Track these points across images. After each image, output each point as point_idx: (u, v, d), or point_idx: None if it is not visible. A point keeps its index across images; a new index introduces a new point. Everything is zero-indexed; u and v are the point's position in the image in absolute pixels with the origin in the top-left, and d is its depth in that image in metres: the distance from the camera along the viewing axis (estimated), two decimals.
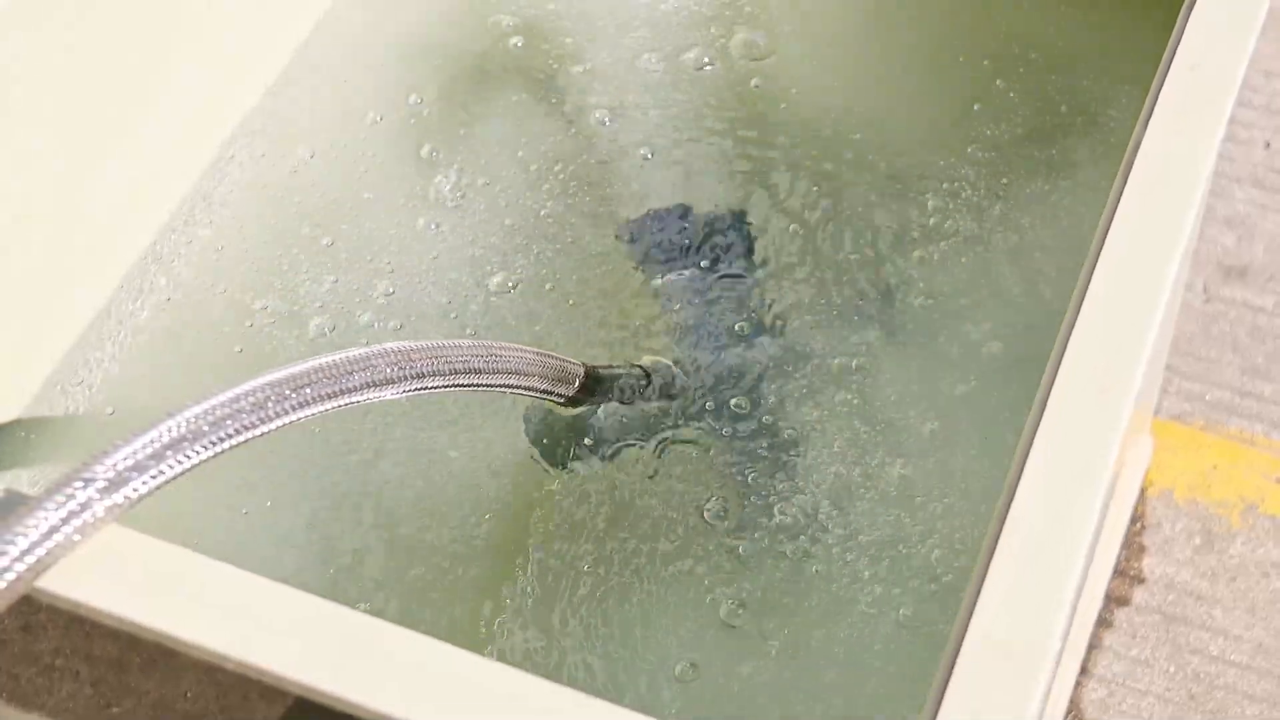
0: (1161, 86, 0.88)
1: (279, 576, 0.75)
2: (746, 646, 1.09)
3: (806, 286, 1.24)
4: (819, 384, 1.19)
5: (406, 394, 0.91)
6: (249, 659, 0.72)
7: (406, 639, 0.73)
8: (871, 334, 1.21)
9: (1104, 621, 1.53)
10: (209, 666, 0.73)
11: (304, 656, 0.72)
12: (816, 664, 1.08)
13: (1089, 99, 1.32)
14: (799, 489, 1.15)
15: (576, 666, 1.09)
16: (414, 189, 1.31)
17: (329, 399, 0.86)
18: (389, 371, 0.89)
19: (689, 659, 1.09)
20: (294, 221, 1.29)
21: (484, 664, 0.72)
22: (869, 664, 1.08)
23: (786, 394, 1.19)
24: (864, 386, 1.19)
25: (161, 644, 0.73)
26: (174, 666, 0.99)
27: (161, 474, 0.77)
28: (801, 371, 1.20)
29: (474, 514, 1.15)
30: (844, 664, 1.08)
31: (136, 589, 0.74)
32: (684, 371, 1.20)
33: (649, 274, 1.26)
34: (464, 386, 0.96)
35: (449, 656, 0.73)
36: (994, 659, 0.71)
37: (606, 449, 1.17)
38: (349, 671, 0.71)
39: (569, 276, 1.26)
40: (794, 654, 1.09)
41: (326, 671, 0.71)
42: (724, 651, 1.09)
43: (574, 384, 1.09)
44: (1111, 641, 1.52)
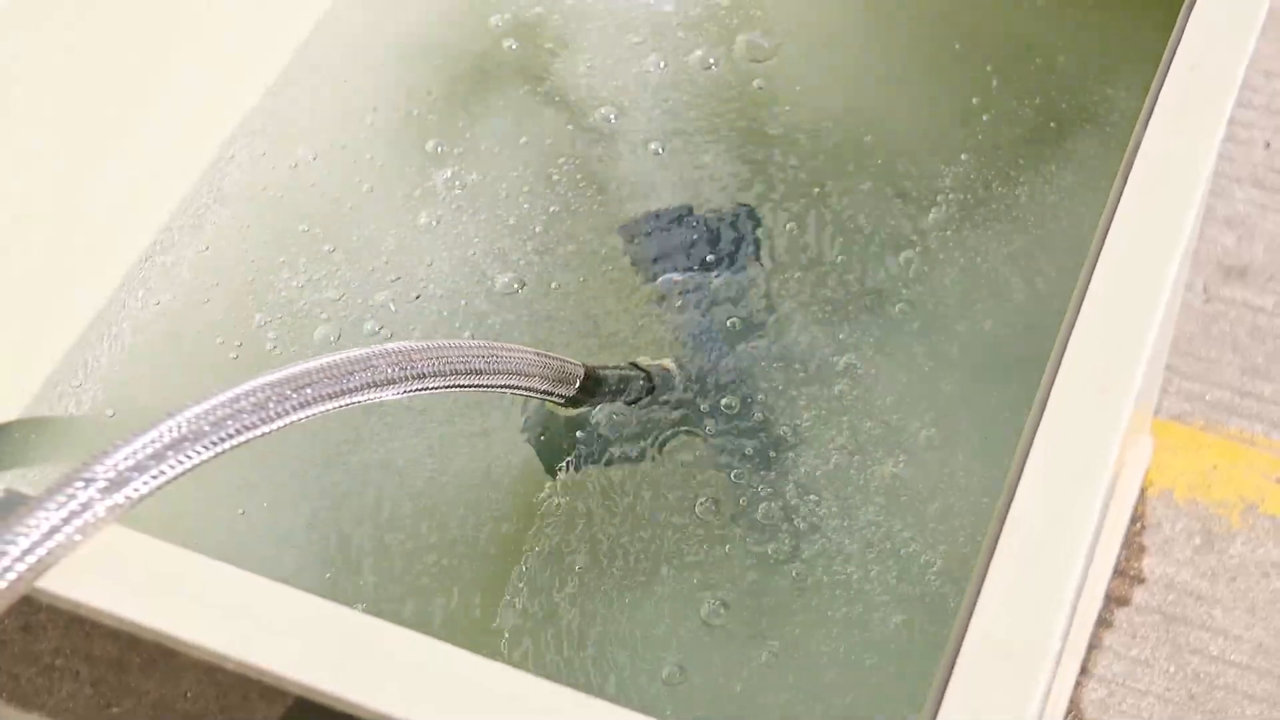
0: (1161, 86, 0.88)
1: (279, 576, 0.75)
2: (746, 646, 1.09)
3: (806, 286, 1.24)
4: (818, 384, 1.19)
5: (407, 394, 0.91)
6: (249, 659, 0.72)
7: (406, 639, 0.73)
8: (870, 334, 1.21)
9: (1104, 621, 1.53)
10: (209, 666, 0.73)
11: (304, 656, 0.72)
12: (816, 664, 1.08)
13: (1089, 99, 1.32)
14: (799, 488, 1.15)
15: (576, 667, 1.09)
16: (415, 189, 1.31)
17: (330, 399, 0.86)
18: (390, 372, 0.89)
19: (679, 660, 1.09)
20: (294, 221, 1.29)
21: (484, 664, 0.72)
22: (869, 664, 1.08)
23: (786, 394, 1.19)
24: (862, 387, 1.19)
25: (161, 644, 0.73)
26: (174, 666, 0.99)
27: (162, 474, 0.77)
28: (800, 371, 1.20)
29: (473, 514, 1.15)
30: (843, 664, 1.08)
31: (137, 589, 0.74)
32: (684, 372, 1.20)
33: (650, 274, 1.26)
34: (465, 387, 0.96)
35: (449, 656, 0.73)
36: (994, 659, 0.71)
37: (605, 449, 1.17)
38: (349, 671, 0.71)
39: (572, 276, 1.26)
40: (793, 654, 1.09)
41: (326, 671, 0.71)
42: (722, 651, 1.09)
43: (574, 385, 1.09)
44: (1111, 641, 1.52)
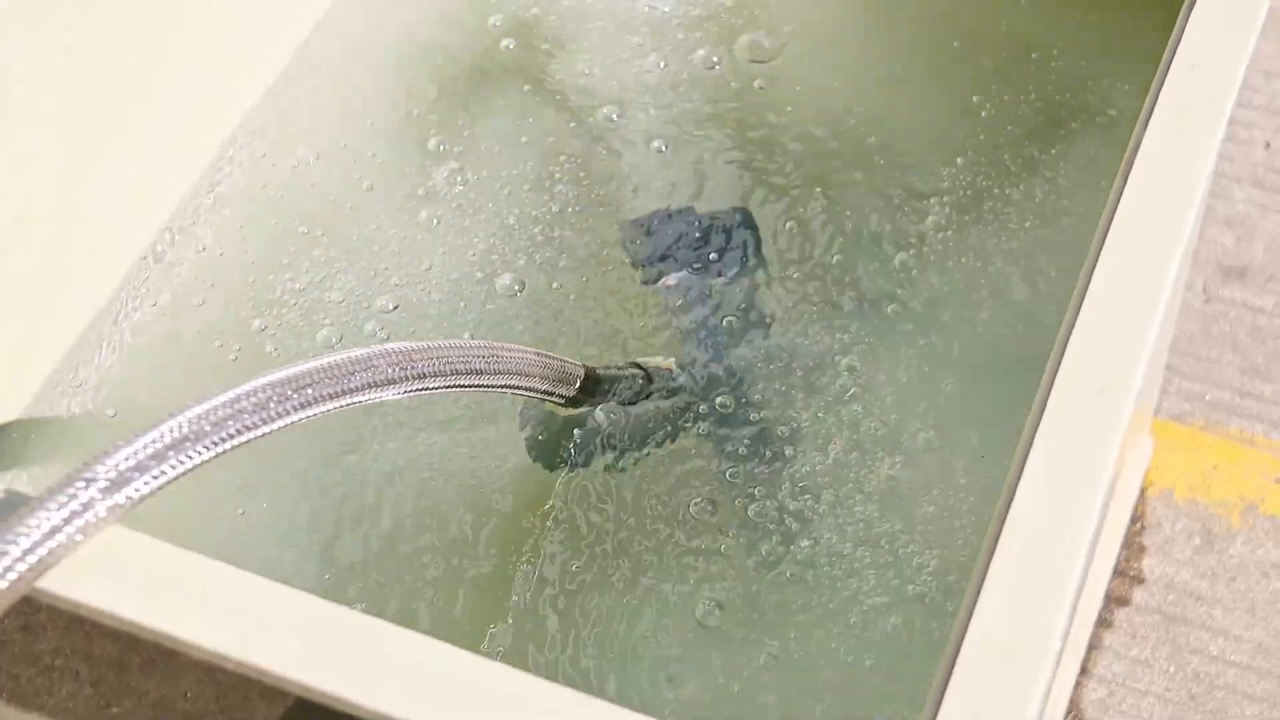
0: (1161, 86, 0.88)
1: (279, 577, 0.75)
2: (745, 646, 1.09)
3: (807, 286, 1.24)
4: (817, 384, 1.19)
5: (408, 394, 0.91)
6: (249, 659, 0.72)
7: (406, 639, 0.73)
8: (870, 334, 1.21)
9: (1104, 621, 1.53)
10: (209, 666, 0.73)
11: (304, 656, 0.72)
12: (816, 664, 1.08)
13: (1089, 99, 1.32)
14: (798, 489, 1.14)
15: (575, 666, 1.09)
16: (415, 189, 1.30)
17: (331, 399, 0.86)
18: (390, 372, 0.89)
19: (679, 659, 1.09)
20: (294, 222, 1.29)
21: (484, 664, 0.72)
22: (868, 664, 1.08)
23: (785, 394, 1.19)
24: (862, 387, 1.19)
25: (161, 644, 0.73)
26: (174, 667, 0.99)
27: (163, 474, 0.78)
28: (800, 372, 1.20)
29: (472, 514, 1.15)
30: (843, 664, 1.08)
31: (137, 589, 0.74)
32: (684, 372, 1.20)
33: (651, 274, 1.26)
34: (465, 387, 0.96)
35: (449, 656, 0.73)
36: (994, 659, 0.71)
37: (604, 449, 1.17)
38: (349, 671, 0.71)
39: (572, 277, 1.26)
40: (793, 654, 1.09)
41: (326, 671, 0.71)
42: (722, 651, 1.09)
43: (574, 385, 1.09)
44: (1111, 641, 1.52)
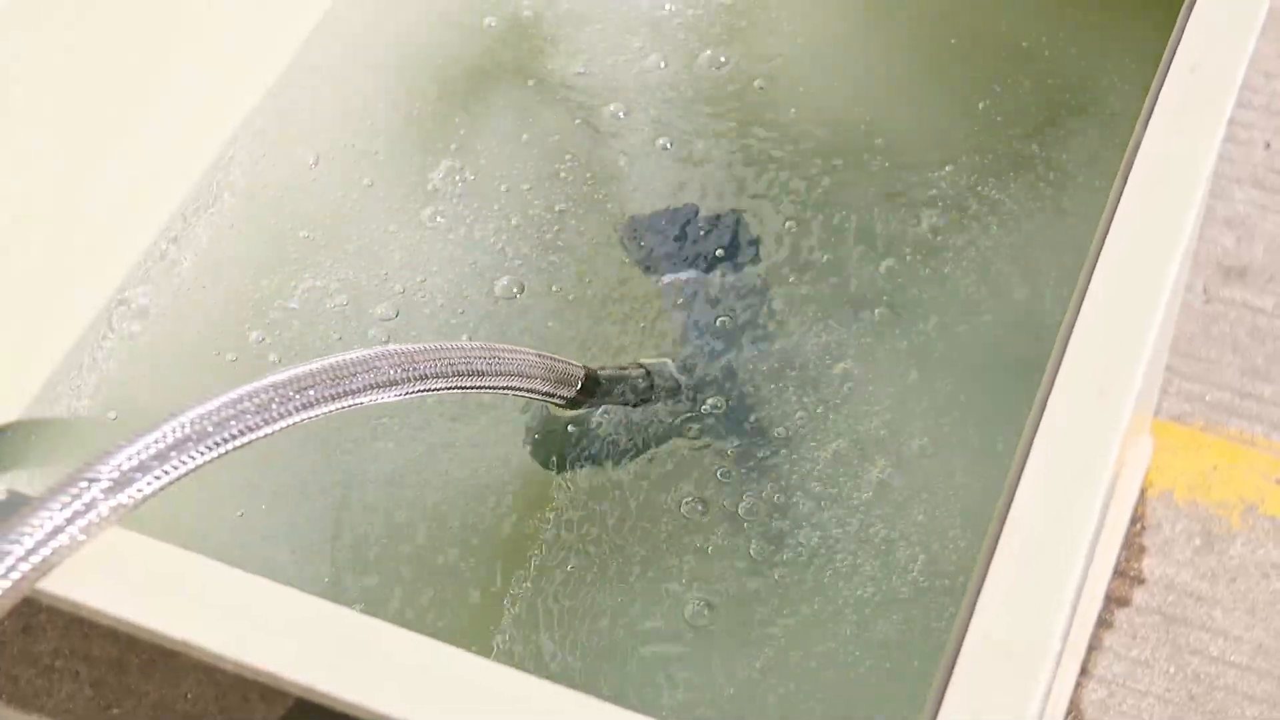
0: (1161, 86, 0.88)
1: (279, 577, 0.75)
2: (744, 645, 1.09)
3: (807, 287, 1.24)
4: (815, 385, 1.19)
5: (409, 395, 0.91)
6: (248, 659, 0.72)
7: (406, 639, 0.73)
8: (869, 334, 1.21)
9: (1104, 622, 1.53)
10: (209, 667, 0.73)
11: (303, 657, 0.72)
12: (815, 664, 1.08)
13: (1089, 100, 1.32)
14: (797, 489, 1.15)
15: (574, 666, 1.09)
16: (416, 189, 1.30)
17: (333, 400, 0.86)
18: (392, 373, 0.89)
19: (679, 659, 1.09)
20: (294, 222, 1.29)
21: (484, 664, 0.72)
22: (868, 664, 1.08)
23: (785, 395, 1.19)
24: (861, 387, 1.19)
25: (161, 645, 0.73)
26: (174, 667, 0.99)
27: (166, 474, 0.78)
28: (800, 372, 1.20)
29: (472, 514, 1.15)
30: (843, 664, 1.08)
31: (137, 590, 0.74)
32: (685, 372, 1.20)
33: (651, 274, 1.26)
34: (466, 388, 0.96)
35: (448, 657, 0.73)
36: (994, 659, 0.71)
37: (603, 449, 1.17)
38: (348, 672, 0.71)
39: (573, 277, 1.26)
40: (793, 654, 1.09)
41: (326, 672, 0.71)
42: (720, 651, 1.09)
43: (575, 386, 1.09)
44: (1111, 642, 1.52)
